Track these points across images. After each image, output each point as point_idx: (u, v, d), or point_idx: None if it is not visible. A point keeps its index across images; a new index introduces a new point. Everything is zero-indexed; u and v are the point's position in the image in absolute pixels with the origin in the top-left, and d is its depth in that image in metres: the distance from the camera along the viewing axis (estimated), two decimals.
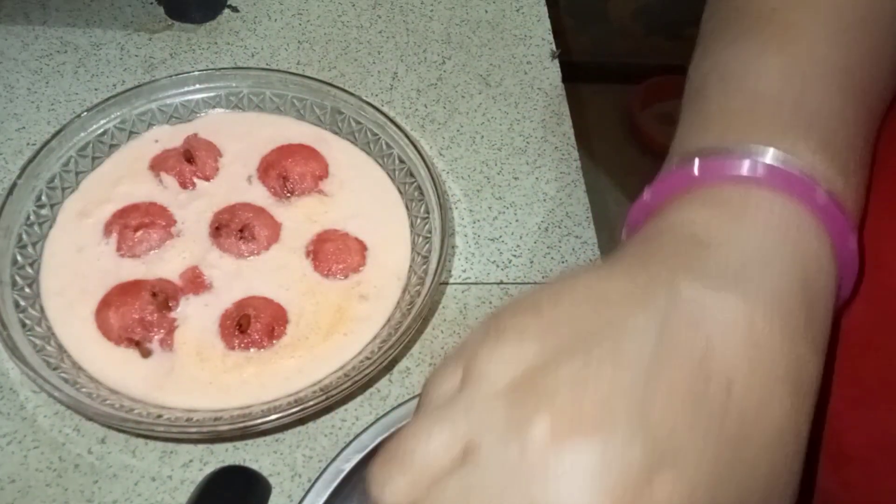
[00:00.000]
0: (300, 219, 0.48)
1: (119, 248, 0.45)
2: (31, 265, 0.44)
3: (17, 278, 0.43)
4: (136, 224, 0.46)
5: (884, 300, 0.36)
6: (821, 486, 0.38)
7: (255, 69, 0.52)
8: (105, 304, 0.43)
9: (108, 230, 0.46)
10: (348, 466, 0.36)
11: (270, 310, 0.44)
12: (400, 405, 0.38)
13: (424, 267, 0.45)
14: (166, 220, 0.47)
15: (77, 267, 0.45)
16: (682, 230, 0.25)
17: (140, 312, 0.43)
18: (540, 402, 0.20)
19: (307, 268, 0.46)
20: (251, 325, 0.43)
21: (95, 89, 0.56)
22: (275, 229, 0.47)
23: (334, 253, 0.46)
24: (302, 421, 0.43)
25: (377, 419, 0.38)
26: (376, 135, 0.51)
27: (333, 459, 0.36)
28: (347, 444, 0.37)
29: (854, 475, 0.38)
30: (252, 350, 0.43)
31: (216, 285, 0.45)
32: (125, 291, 0.44)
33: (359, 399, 0.44)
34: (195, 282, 0.45)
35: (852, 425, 0.39)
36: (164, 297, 0.44)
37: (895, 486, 0.38)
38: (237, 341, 0.43)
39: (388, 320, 0.44)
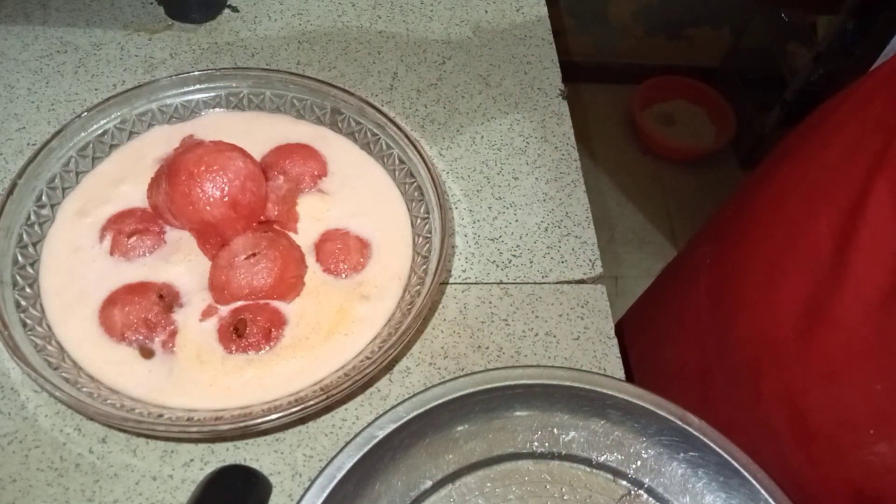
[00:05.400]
0: (305, 217, 0.48)
1: (112, 252, 0.46)
2: (31, 265, 0.44)
3: (18, 278, 0.43)
4: (130, 230, 0.46)
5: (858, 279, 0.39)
6: (788, 464, 0.39)
7: (255, 69, 0.52)
8: (111, 302, 0.43)
9: (102, 234, 0.46)
10: (381, 433, 0.37)
11: (266, 313, 0.44)
12: (437, 385, 0.39)
13: (424, 267, 0.45)
14: (160, 227, 0.47)
15: (74, 267, 0.45)
16: None
17: (146, 312, 0.43)
18: None
19: (314, 266, 0.46)
20: (247, 328, 0.43)
21: (95, 89, 0.56)
22: (290, 250, 0.46)
23: (336, 252, 0.46)
24: (302, 420, 0.43)
25: (413, 395, 0.38)
26: (376, 135, 0.51)
27: (333, 458, 0.36)
28: (383, 413, 0.38)
29: (819, 452, 0.39)
30: (251, 353, 0.43)
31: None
32: (133, 291, 0.44)
33: (359, 398, 0.44)
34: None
35: (816, 403, 0.41)
36: (170, 299, 0.44)
37: (859, 461, 0.39)
38: (234, 346, 0.43)
39: (389, 320, 0.44)
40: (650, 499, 0.39)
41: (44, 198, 0.46)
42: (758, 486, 0.37)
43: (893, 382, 0.38)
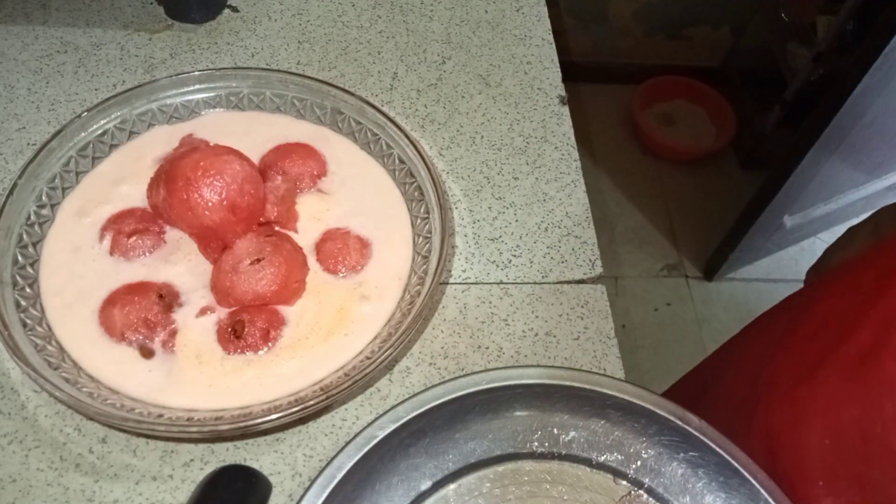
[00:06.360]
0: (305, 217, 0.48)
1: (112, 252, 0.46)
2: (31, 265, 0.44)
3: (18, 278, 0.43)
4: (130, 230, 0.46)
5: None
6: None
7: (255, 69, 0.52)
8: (111, 302, 0.43)
9: (102, 234, 0.46)
10: (381, 433, 0.37)
11: (265, 314, 0.44)
12: (437, 385, 0.39)
13: (424, 267, 0.45)
14: (160, 227, 0.47)
15: (74, 267, 0.45)
16: None
17: (146, 312, 0.43)
18: None
19: (314, 266, 0.46)
20: (245, 330, 0.43)
21: (95, 89, 0.56)
22: (293, 253, 0.46)
23: (336, 252, 0.46)
24: (302, 420, 0.43)
25: (413, 395, 0.38)
26: (376, 135, 0.51)
27: (333, 458, 0.36)
28: (383, 413, 0.38)
29: (786, 495, 0.39)
30: (249, 353, 0.43)
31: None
32: (132, 290, 0.44)
33: (359, 399, 0.44)
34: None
35: (784, 446, 0.42)
36: (170, 299, 0.44)
37: None
38: (232, 347, 0.43)
39: (389, 320, 0.44)
40: (650, 499, 0.39)
41: (44, 198, 0.46)
42: (758, 486, 0.37)
43: (839, 439, 0.39)
